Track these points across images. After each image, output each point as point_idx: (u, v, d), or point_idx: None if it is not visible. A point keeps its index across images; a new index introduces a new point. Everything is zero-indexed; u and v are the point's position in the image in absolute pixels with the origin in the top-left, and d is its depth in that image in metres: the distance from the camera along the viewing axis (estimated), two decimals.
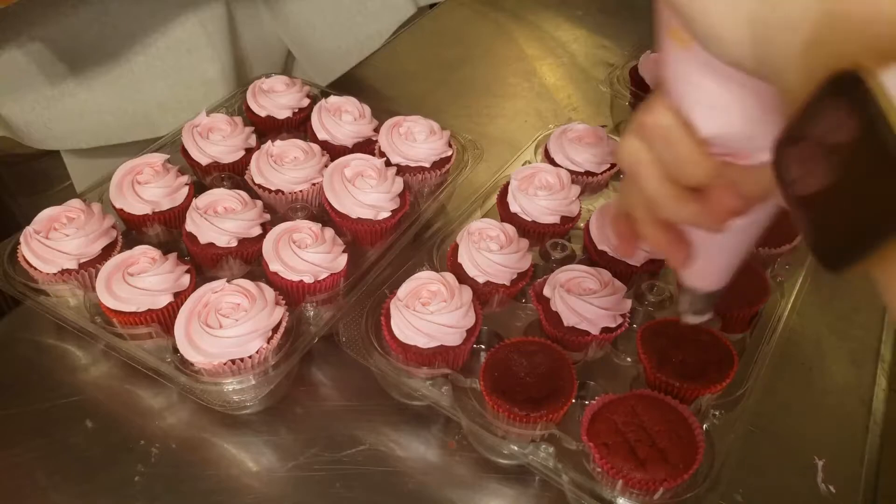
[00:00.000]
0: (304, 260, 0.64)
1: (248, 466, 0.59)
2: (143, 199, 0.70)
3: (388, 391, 0.64)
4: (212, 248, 0.67)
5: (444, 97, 1.00)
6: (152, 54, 0.90)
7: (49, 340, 0.67)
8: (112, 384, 0.64)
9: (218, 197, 0.70)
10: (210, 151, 0.76)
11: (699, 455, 0.53)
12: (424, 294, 0.61)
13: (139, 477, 0.57)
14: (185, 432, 0.61)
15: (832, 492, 0.59)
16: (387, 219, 0.71)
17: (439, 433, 0.62)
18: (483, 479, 0.59)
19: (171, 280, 0.62)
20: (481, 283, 0.66)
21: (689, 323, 0.48)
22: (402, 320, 0.59)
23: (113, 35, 0.88)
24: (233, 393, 0.59)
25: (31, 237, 0.64)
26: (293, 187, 0.74)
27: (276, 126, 0.84)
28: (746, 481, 0.59)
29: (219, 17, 0.94)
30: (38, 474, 0.57)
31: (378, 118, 0.83)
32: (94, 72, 0.87)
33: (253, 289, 0.61)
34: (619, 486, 0.53)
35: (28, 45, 0.83)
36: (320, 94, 0.88)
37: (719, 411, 0.58)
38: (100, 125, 0.90)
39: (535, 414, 0.55)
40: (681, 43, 0.29)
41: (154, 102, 0.92)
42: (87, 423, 0.61)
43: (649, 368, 0.60)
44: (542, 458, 0.55)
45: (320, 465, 0.59)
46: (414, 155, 0.77)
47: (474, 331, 0.61)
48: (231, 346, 0.57)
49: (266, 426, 0.61)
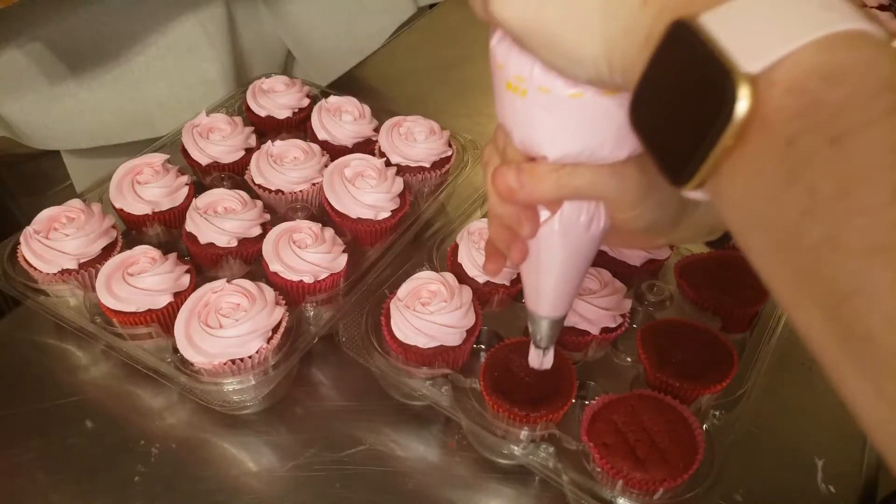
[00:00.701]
0: (304, 260, 0.64)
1: (248, 466, 0.59)
2: (142, 199, 0.70)
3: (388, 391, 0.64)
4: (212, 248, 0.67)
5: (444, 97, 1.00)
6: (152, 54, 0.90)
7: (49, 340, 0.67)
8: (112, 384, 0.64)
9: (218, 197, 0.70)
10: (210, 151, 0.76)
11: (699, 455, 0.53)
12: (424, 294, 0.61)
13: (139, 477, 0.57)
14: (185, 432, 0.61)
15: (832, 492, 0.59)
16: (387, 219, 0.71)
17: (439, 433, 0.62)
18: (483, 479, 0.59)
19: (170, 280, 0.62)
20: (481, 283, 0.66)
21: (533, 366, 0.52)
22: (402, 320, 0.59)
23: (113, 35, 0.88)
24: (233, 393, 0.59)
25: (31, 237, 0.64)
26: (293, 187, 0.74)
27: (275, 126, 0.84)
28: (746, 481, 0.59)
29: (219, 17, 0.94)
30: (38, 474, 0.57)
31: (378, 118, 0.83)
32: (94, 72, 0.87)
33: (253, 289, 0.61)
34: (619, 487, 0.53)
35: (28, 45, 0.83)
36: (320, 94, 0.88)
37: (719, 411, 0.58)
38: (100, 125, 0.90)
39: (535, 414, 0.55)
40: (518, 93, 0.35)
41: (154, 102, 0.92)
42: (87, 423, 0.61)
43: (649, 368, 0.60)
44: (542, 458, 0.55)
45: (320, 465, 0.59)
46: (414, 155, 0.77)
47: (474, 331, 0.61)
48: (231, 346, 0.57)
49: (266, 426, 0.61)
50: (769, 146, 0.23)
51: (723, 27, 0.25)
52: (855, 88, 0.22)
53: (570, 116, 0.35)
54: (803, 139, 0.22)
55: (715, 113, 0.24)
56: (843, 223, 0.21)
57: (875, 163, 0.21)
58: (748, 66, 0.24)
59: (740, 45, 0.24)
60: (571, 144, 0.36)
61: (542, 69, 0.34)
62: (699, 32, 0.25)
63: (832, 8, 0.24)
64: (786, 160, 0.23)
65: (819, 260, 0.22)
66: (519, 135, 0.37)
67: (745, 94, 0.23)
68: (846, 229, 0.21)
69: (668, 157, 0.28)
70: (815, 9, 0.24)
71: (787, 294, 0.24)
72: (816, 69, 0.23)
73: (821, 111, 0.22)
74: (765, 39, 0.24)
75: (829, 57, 0.23)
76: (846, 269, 0.21)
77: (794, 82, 0.23)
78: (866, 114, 0.21)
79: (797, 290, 0.23)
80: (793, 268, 0.23)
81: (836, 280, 0.21)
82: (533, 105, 0.35)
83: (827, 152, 0.22)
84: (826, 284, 0.22)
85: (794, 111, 0.23)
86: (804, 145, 0.22)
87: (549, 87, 0.34)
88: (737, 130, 0.24)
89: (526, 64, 0.34)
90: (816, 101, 0.22)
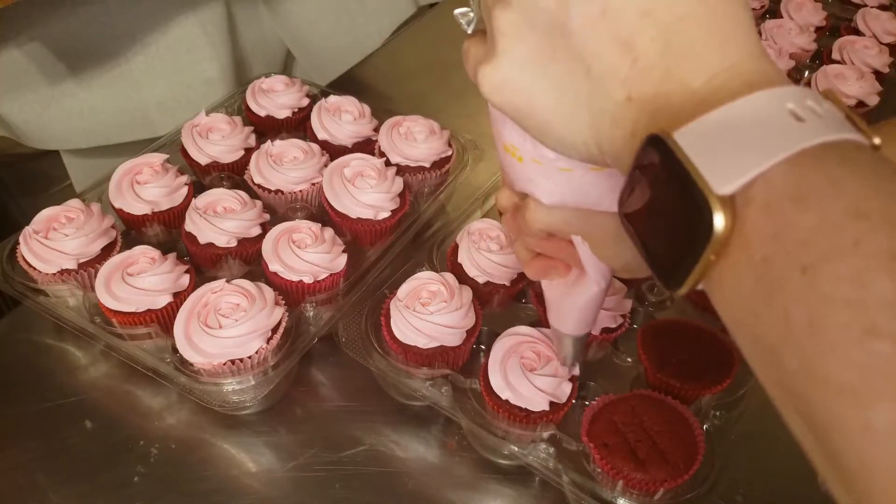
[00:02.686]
0: (303, 260, 0.64)
1: (248, 467, 0.59)
2: (142, 199, 0.70)
3: (387, 392, 0.64)
4: (211, 248, 0.67)
5: (444, 97, 1.00)
6: (152, 54, 0.90)
7: (49, 340, 0.67)
8: (112, 384, 0.64)
9: (217, 197, 0.70)
10: (209, 151, 0.76)
11: (699, 455, 0.53)
12: (424, 294, 0.61)
13: (139, 477, 0.57)
14: (184, 432, 0.61)
15: None
16: (387, 219, 0.71)
17: (439, 433, 0.61)
18: (483, 480, 0.59)
19: (170, 280, 0.62)
20: (481, 284, 0.66)
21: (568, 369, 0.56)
22: (401, 320, 0.59)
23: (112, 35, 0.87)
24: (232, 393, 0.59)
25: (31, 237, 0.64)
26: (293, 187, 0.74)
27: (275, 126, 0.84)
28: (747, 482, 0.58)
29: (218, 17, 0.94)
30: (37, 474, 0.57)
31: (378, 118, 0.83)
32: (93, 72, 0.87)
33: (252, 289, 0.61)
34: (620, 487, 0.53)
35: (28, 45, 0.83)
36: (320, 94, 0.88)
37: (720, 412, 0.58)
38: (99, 125, 0.90)
39: (536, 414, 0.55)
40: (514, 157, 0.38)
41: (153, 102, 0.92)
42: (87, 423, 0.61)
43: (650, 369, 0.60)
44: (542, 458, 0.55)
45: (320, 466, 0.59)
46: (414, 155, 0.77)
47: (474, 331, 0.61)
48: (230, 347, 0.57)
49: (266, 426, 0.61)
50: (748, 264, 0.24)
51: (697, 144, 0.25)
52: (822, 216, 0.22)
53: (562, 183, 0.38)
54: (778, 262, 0.23)
55: (695, 229, 0.25)
56: (816, 358, 0.21)
57: (842, 297, 0.21)
58: (721, 187, 0.24)
59: (713, 166, 0.24)
60: (563, 199, 0.39)
61: (533, 144, 0.36)
62: (675, 150, 0.25)
63: (805, 117, 0.24)
64: (763, 281, 0.23)
65: (798, 386, 0.22)
66: (518, 185, 0.41)
67: (721, 216, 0.24)
68: (819, 364, 0.21)
69: (657, 264, 0.28)
70: (785, 121, 0.24)
71: (772, 393, 0.24)
72: (785, 190, 0.23)
73: (792, 235, 0.22)
74: (735, 159, 0.24)
75: (798, 177, 0.23)
76: (822, 403, 0.21)
77: (767, 203, 0.23)
78: (833, 245, 0.21)
79: (781, 397, 0.23)
80: (776, 379, 0.23)
81: (813, 411, 0.21)
82: (528, 169, 0.38)
83: (799, 280, 0.22)
84: (806, 408, 0.22)
85: (769, 233, 0.23)
86: (779, 268, 0.22)
87: (541, 161, 0.37)
88: (717, 247, 0.24)
89: (519, 137, 0.37)
90: (788, 224, 0.23)
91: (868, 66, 0.99)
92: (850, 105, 0.92)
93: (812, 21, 1.08)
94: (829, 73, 0.96)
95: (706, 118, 0.26)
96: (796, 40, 1.02)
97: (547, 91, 0.31)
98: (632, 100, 0.28)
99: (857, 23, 1.08)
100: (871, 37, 1.05)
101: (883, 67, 0.99)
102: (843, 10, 1.14)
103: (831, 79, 0.95)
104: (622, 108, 0.29)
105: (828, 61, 1.02)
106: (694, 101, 0.27)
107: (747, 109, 0.25)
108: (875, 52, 1.00)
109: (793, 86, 0.26)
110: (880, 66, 0.99)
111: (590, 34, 0.28)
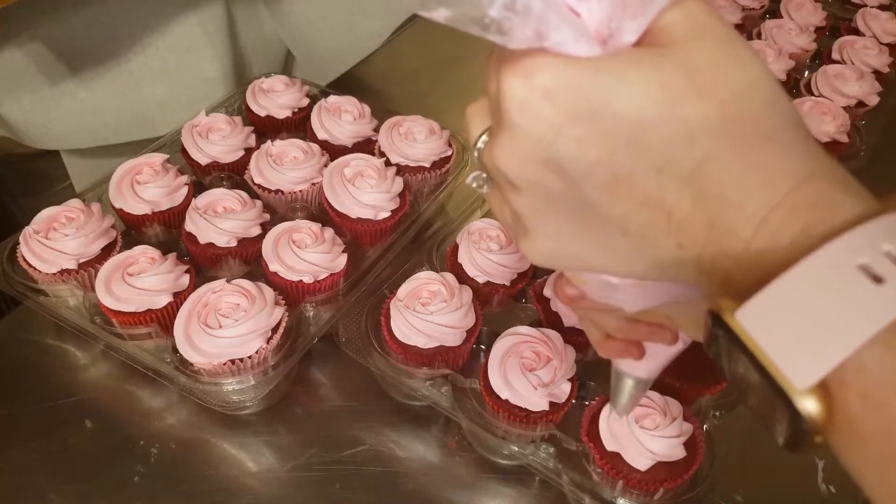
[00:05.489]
0: (303, 260, 0.64)
1: (248, 467, 0.59)
2: (142, 199, 0.70)
3: (387, 391, 0.64)
4: (211, 248, 0.67)
5: (444, 97, 1.00)
6: (152, 54, 0.90)
7: (49, 340, 0.67)
8: (112, 384, 0.64)
9: (217, 197, 0.70)
10: (209, 151, 0.76)
11: (699, 455, 0.53)
12: (424, 294, 0.61)
13: (139, 477, 0.57)
14: (184, 432, 0.61)
15: (832, 492, 0.59)
16: (386, 219, 0.71)
17: (439, 433, 0.62)
18: (483, 480, 0.59)
19: (170, 280, 0.62)
20: (481, 284, 0.66)
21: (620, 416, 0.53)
22: (402, 320, 0.59)
23: (113, 35, 0.87)
24: (232, 393, 0.59)
25: (31, 237, 0.64)
26: (293, 187, 0.74)
27: (275, 126, 0.84)
28: (746, 481, 0.59)
29: (219, 17, 0.94)
30: (37, 474, 0.57)
31: (378, 118, 0.83)
32: (93, 72, 0.87)
33: (252, 289, 0.61)
34: (620, 487, 0.53)
35: (28, 45, 0.83)
36: (320, 94, 0.88)
37: (719, 411, 0.58)
38: (99, 125, 0.90)
39: (535, 414, 0.55)
40: (579, 282, 0.37)
41: (154, 102, 0.92)
42: (87, 423, 0.61)
43: None
44: (542, 458, 0.55)
45: (320, 466, 0.59)
46: (414, 155, 0.77)
47: (474, 331, 0.61)
48: (230, 347, 0.57)
49: (266, 426, 0.61)
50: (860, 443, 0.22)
51: (766, 329, 0.23)
52: None
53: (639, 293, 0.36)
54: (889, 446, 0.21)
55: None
56: None
57: None
58: (802, 381, 0.21)
59: (788, 358, 0.22)
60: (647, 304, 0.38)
61: None
62: (744, 339, 0.23)
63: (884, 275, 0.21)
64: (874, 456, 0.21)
65: None
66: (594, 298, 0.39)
67: (811, 407, 0.21)
68: None
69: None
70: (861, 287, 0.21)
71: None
72: (882, 376, 0.21)
73: None
74: (813, 348, 0.22)
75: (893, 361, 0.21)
76: None
77: (865, 394, 0.21)
78: None
79: None
80: None
81: None
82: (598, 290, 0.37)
83: None
84: None
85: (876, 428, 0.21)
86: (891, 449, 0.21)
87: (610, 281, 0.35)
88: (817, 429, 0.22)
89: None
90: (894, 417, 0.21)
91: (868, 66, 0.99)
92: (850, 105, 0.93)
93: (812, 21, 1.08)
94: (828, 73, 0.96)
95: (770, 291, 0.23)
96: (796, 40, 1.02)
97: (594, 251, 0.29)
98: (683, 247, 0.26)
99: (856, 23, 1.08)
100: (871, 37, 1.05)
101: (883, 67, 0.99)
102: (843, 10, 1.14)
103: (831, 79, 0.95)
104: (678, 254, 0.27)
105: (828, 61, 1.02)
106: (750, 254, 0.24)
107: (813, 276, 0.22)
108: (875, 52, 1.00)
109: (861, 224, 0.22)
110: (880, 66, 0.99)
111: (610, 201, 0.27)
